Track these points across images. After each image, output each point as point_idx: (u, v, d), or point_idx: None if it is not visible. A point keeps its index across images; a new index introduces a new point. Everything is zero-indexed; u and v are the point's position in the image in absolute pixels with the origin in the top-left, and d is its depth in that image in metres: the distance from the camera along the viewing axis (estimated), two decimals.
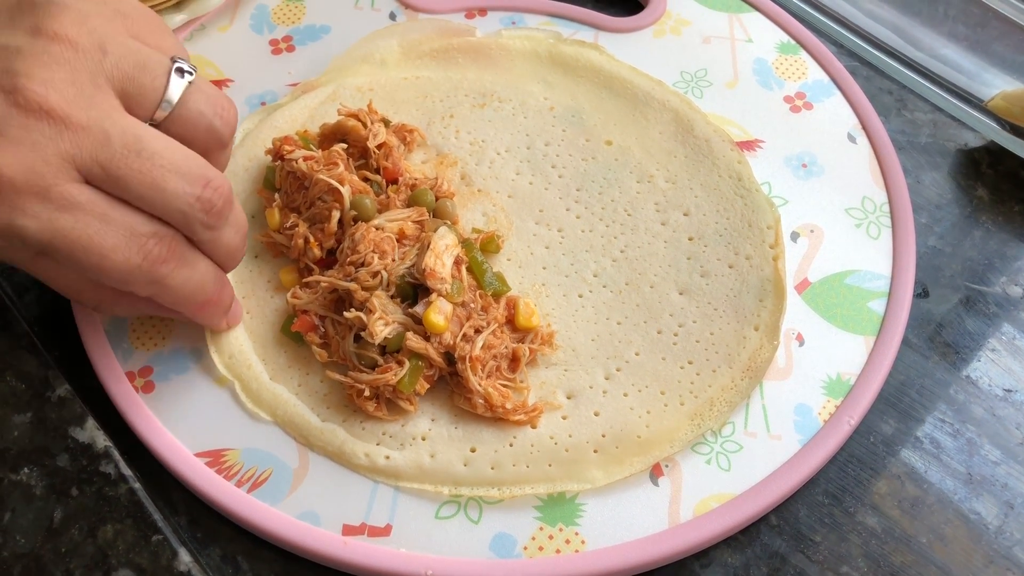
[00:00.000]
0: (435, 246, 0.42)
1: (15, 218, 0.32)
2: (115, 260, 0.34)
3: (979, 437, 0.43)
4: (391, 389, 0.40)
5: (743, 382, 0.42)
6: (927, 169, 0.52)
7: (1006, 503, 0.41)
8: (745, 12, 0.57)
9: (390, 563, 0.37)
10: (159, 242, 0.35)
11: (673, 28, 0.56)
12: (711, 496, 0.39)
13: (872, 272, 0.46)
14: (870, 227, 0.48)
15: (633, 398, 0.41)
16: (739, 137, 0.51)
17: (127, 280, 0.35)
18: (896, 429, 0.43)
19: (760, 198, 0.47)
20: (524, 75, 0.53)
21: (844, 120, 0.52)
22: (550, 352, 0.43)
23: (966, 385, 0.44)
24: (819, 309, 0.45)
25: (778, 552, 0.39)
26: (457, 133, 0.50)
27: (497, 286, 0.43)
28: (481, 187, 0.48)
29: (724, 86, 0.53)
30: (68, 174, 0.33)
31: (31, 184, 0.32)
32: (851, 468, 0.42)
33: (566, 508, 0.39)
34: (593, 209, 0.47)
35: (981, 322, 0.46)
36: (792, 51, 0.55)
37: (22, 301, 0.46)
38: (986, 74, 0.54)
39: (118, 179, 0.34)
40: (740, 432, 0.41)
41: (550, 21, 0.56)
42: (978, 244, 0.49)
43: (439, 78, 0.53)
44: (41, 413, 0.41)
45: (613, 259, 0.46)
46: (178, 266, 0.36)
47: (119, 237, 0.34)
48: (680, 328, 0.43)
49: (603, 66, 0.53)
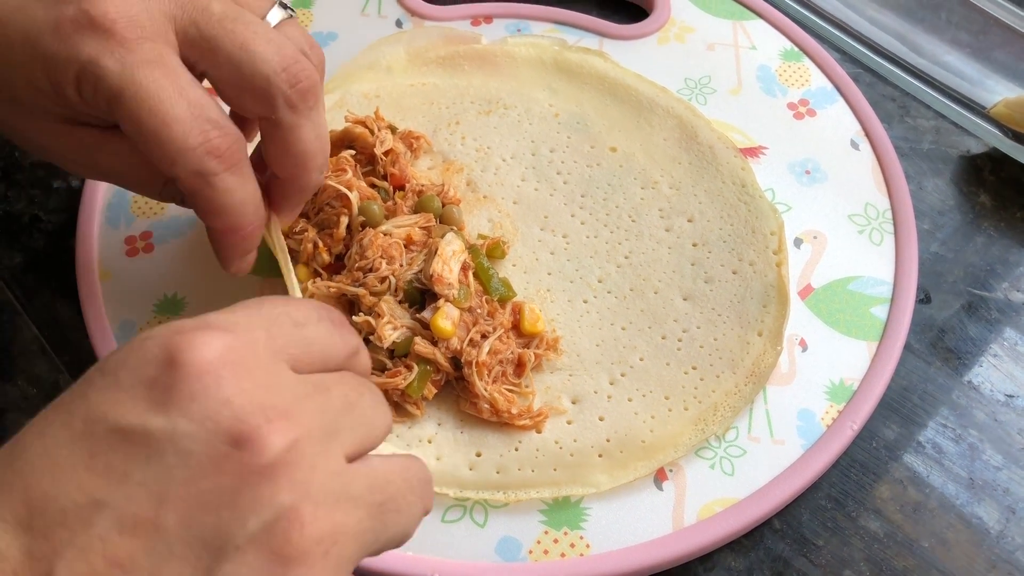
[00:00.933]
0: (443, 252, 0.42)
1: (101, 55, 0.32)
2: (173, 132, 0.33)
3: (981, 442, 0.43)
4: (399, 393, 0.40)
5: (747, 387, 0.42)
6: (929, 175, 0.52)
7: (1008, 508, 0.41)
8: (749, 19, 0.57)
9: (396, 566, 0.38)
10: (221, 135, 0.34)
11: (677, 35, 0.57)
12: (715, 500, 0.40)
13: (875, 278, 0.47)
14: (873, 233, 0.48)
15: (637, 403, 0.42)
16: (743, 144, 0.51)
17: (176, 160, 0.33)
18: (898, 434, 0.43)
19: (763, 204, 0.48)
20: (529, 82, 0.53)
21: (847, 127, 0.52)
22: (555, 357, 0.43)
23: (968, 390, 0.45)
24: (822, 315, 0.45)
25: (781, 556, 0.40)
26: (463, 140, 0.50)
27: (503, 292, 0.44)
28: (487, 193, 0.49)
29: (728, 93, 0.54)
30: (166, 36, 0.33)
31: (129, 31, 0.33)
32: (854, 473, 0.42)
33: (571, 512, 0.40)
34: (598, 215, 0.48)
35: (983, 328, 0.46)
36: (795, 58, 0.55)
37: (32, 306, 0.46)
38: (988, 81, 0.54)
39: (210, 39, 0.34)
40: (744, 437, 0.42)
41: (555, 28, 0.57)
42: (980, 250, 0.49)
43: (445, 85, 0.53)
44: None
45: (617, 265, 0.46)
46: (229, 169, 0.34)
47: (187, 112, 0.33)
48: (684, 333, 0.44)
49: (608, 73, 0.53)
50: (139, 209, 0.49)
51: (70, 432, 0.24)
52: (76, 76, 0.33)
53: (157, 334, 0.25)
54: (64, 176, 0.51)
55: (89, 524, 0.23)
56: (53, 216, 0.50)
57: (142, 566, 0.23)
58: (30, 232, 0.49)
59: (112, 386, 0.24)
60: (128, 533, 0.23)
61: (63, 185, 0.51)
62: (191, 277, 0.46)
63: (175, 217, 0.48)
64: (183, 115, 0.33)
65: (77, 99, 0.34)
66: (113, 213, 0.49)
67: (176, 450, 0.23)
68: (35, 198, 0.50)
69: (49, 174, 0.51)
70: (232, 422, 0.24)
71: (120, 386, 0.24)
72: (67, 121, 0.36)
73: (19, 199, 0.50)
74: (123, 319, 0.45)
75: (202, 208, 0.35)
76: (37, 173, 0.51)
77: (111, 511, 0.23)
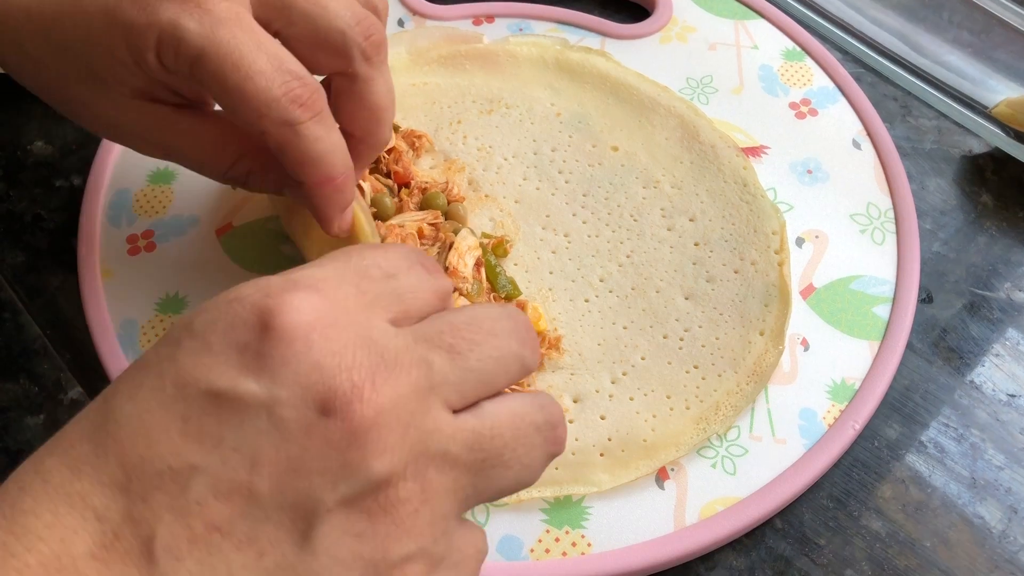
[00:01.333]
0: (459, 246, 0.43)
1: (180, 17, 0.33)
2: (258, 85, 0.33)
3: (983, 442, 0.43)
4: None
5: (748, 387, 0.42)
6: (931, 175, 0.52)
7: (1010, 507, 0.41)
8: (751, 19, 0.57)
9: None
10: (302, 84, 0.34)
11: (679, 35, 0.57)
12: (716, 499, 0.40)
13: (877, 277, 0.47)
14: (875, 233, 0.48)
15: (639, 402, 0.42)
16: (744, 143, 0.51)
17: (262, 111, 0.34)
18: (900, 434, 0.43)
19: (765, 204, 0.48)
20: (531, 81, 0.53)
21: (849, 126, 0.52)
22: (557, 356, 0.43)
23: (970, 390, 0.44)
24: (824, 314, 0.45)
25: (783, 555, 0.40)
26: (465, 139, 0.51)
27: (510, 289, 0.44)
28: (488, 192, 0.49)
29: (730, 92, 0.54)
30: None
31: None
32: (855, 472, 0.42)
33: (572, 511, 0.40)
34: (599, 214, 0.48)
35: (985, 327, 0.46)
36: (797, 58, 0.55)
37: (34, 305, 0.46)
38: (990, 81, 0.54)
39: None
40: (745, 436, 0.42)
41: (557, 28, 0.57)
42: (982, 250, 0.49)
43: (447, 84, 0.53)
44: (54, 415, 0.42)
45: (619, 264, 0.46)
46: (314, 118, 0.35)
47: (268, 64, 0.34)
48: (686, 333, 0.44)
49: (609, 72, 0.53)
50: (141, 208, 0.49)
51: (162, 396, 0.24)
52: (157, 41, 0.34)
53: (246, 296, 0.25)
54: (66, 175, 0.51)
55: (186, 488, 0.23)
56: (55, 215, 0.50)
57: (239, 529, 0.23)
58: (32, 231, 0.49)
59: (202, 349, 0.24)
60: (224, 497, 0.23)
61: (65, 184, 0.51)
62: (193, 276, 0.46)
63: (177, 216, 0.48)
64: (265, 67, 0.33)
65: (157, 66, 0.35)
66: (115, 212, 0.49)
67: (268, 415, 0.23)
68: (37, 197, 0.50)
69: (51, 173, 0.51)
70: (323, 387, 0.24)
71: (211, 350, 0.24)
72: (141, 96, 0.37)
73: (21, 198, 0.50)
74: (125, 318, 0.45)
75: (294, 160, 0.36)
76: (39, 172, 0.51)
77: (206, 476, 0.23)
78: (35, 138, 0.52)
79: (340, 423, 0.24)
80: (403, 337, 0.26)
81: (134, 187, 0.49)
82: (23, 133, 0.53)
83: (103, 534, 0.23)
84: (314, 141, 0.35)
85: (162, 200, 0.49)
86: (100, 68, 0.36)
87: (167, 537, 0.23)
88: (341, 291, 0.26)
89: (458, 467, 0.26)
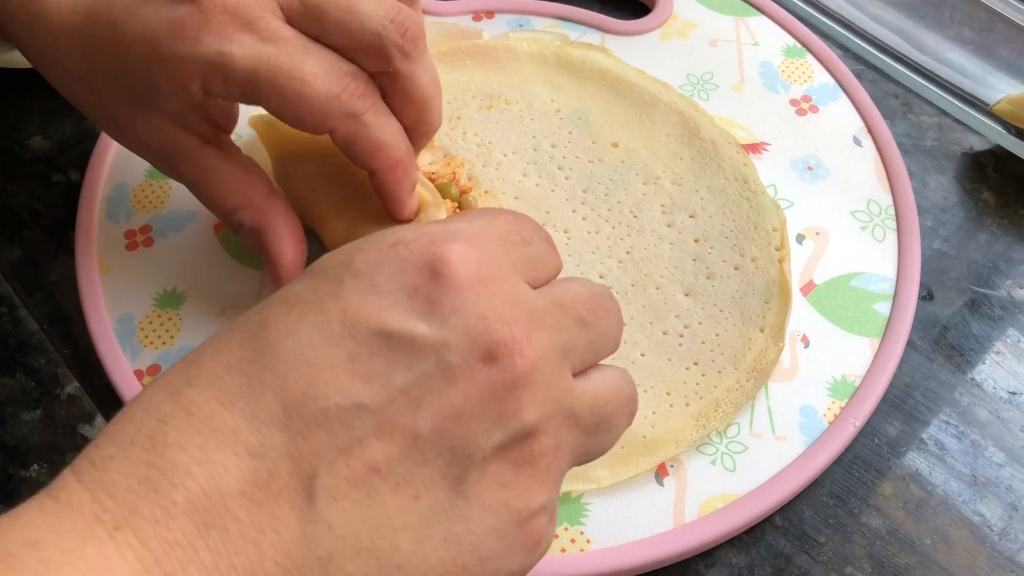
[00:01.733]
0: None
1: (223, 45, 0.33)
2: (317, 88, 0.34)
3: (983, 439, 0.43)
4: None
5: (748, 383, 0.42)
6: (932, 172, 0.52)
7: (1010, 505, 0.41)
8: (751, 15, 0.57)
9: None
10: (355, 79, 0.35)
11: (680, 31, 0.56)
12: (716, 496, 0.40)
13: (877, 275, 0.46)
14: (875, 230, 0.48)
15: (639, 398, 0.42)
16: (745, 140, 0.51)
17: (326, 111, 0.35)
18: (901, 431, 0.43)
19: (766, 200, 0.47)
20: (531, 77, 0.53)
21: (850, 123, 0.52)
22: None
23: (971, 388, 0.44)
24: (824, 311, 0.45)
25: (782, 553, 0.39)
26: (464, 135, 0.50)
27: None
28: (488, 188, 0.48)
29: (730, 89, 0.54)
30: (273, 11, 0.34)
31: (240, 14, 0.34)
32: (856, 469, 0.42)
33: (572, 507, 0.39)
34: (599, 211, 0.48)
35: (986, 325, 0.46)
36: (798, 54, 0.55)
37: (32, 300, 0.46)
38: (992, 78, 0.54)
39: (314, 7, 0.35)
40: (745, 433, 0.42)
41: (557, 24, 0.57)
42: (983, 247, 0.49)
43: (446, 80, 0.53)
44: (51, 410, 0.42)
45: (619, 260, 0.46)
46: (373, 109, 0.36)
47: (320, 67, 0.34)
48: (686, 329, 0.44)
49: (610, 68, 0.53)
50: (139, 203, 0.49)
51: (327, 332, 0.24)
52: (203, 73, 0.34)
53: (412, 240, 0.25)
54: (64, 171, 0.51)
55: (350, 428, 0.23)
56: (53, 210, 0.49)
57: (398, 472, 0.23)
58: (30, 226, 0.49)
59: (369, 289, 0.24)
60: (386, 438, 0.23)
61: (63, 179, 0.51)
62: (190, 271, 0.46)
63: (175, 211, 0.48)
64: (318, 70, 0.34)
65: (201, 95, 0.35)
66: (113, 207, 0.48)
67: (437, 359, 0.24)
68: (35, 192, 0.50)
69: (49, 168, 0.51)
70: (487, 338, 0.24)
71: (379, 290, 0.24)
72: (173, 121, 0.37)
73: (19, 193, 0.50)
74: (122, 313, 0.45)
75: (363, 150, 0.36)
76: (37, 167, 0.51)
77: (372, 416, 0.23)
78: (33, 133, 0.52)
79: (501, 373, 0.24)
80: (543, 300, 0.27)
81: (132, 182, 0.49)
82: (21, 128, 0.53)
83: (255, 471, 0.22)
84: (377, 128, 0.36)
85: (160, 195, 0.49)
86: (138, 92, 0.36)
87: (327, 477, 0.23)
88: (493, 250, 0.26)
89: (579, 427, 0.27)
